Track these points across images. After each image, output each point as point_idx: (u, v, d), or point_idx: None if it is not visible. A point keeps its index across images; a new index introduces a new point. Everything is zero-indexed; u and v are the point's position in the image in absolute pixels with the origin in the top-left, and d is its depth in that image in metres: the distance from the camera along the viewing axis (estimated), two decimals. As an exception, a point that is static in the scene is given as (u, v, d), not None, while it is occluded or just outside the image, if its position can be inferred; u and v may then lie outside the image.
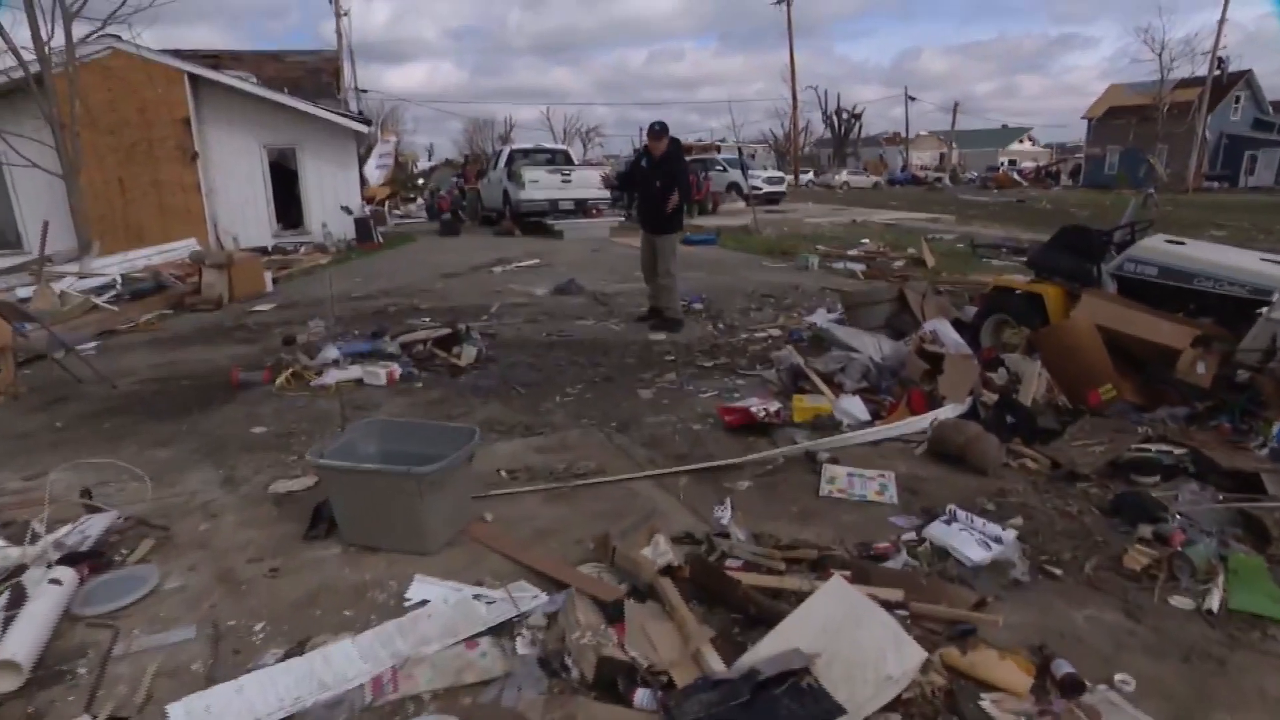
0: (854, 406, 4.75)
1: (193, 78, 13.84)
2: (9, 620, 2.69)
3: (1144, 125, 40.30)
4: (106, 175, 13.04)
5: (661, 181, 7.09)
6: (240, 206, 14.62)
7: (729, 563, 2.98)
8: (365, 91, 26.55)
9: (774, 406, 4.61)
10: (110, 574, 3.08)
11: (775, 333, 6.98)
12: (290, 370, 5.86)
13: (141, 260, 9.71)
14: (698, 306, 8.12)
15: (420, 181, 26.44)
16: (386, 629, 2.64)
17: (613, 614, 2.65)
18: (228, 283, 9.02)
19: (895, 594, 2.71)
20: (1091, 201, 27.38)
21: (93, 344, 7.10)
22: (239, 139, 14.59)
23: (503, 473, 4.02)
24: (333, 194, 15.43)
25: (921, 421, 4.50)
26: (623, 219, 17.22)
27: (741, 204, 23.06)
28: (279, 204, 15.41)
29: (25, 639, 2.56)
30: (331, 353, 6.19)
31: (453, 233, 17.55)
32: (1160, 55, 39.52)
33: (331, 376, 5.72)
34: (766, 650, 2.41)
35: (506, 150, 19.22)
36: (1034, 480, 3.90)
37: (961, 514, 3.40)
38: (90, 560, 3.12)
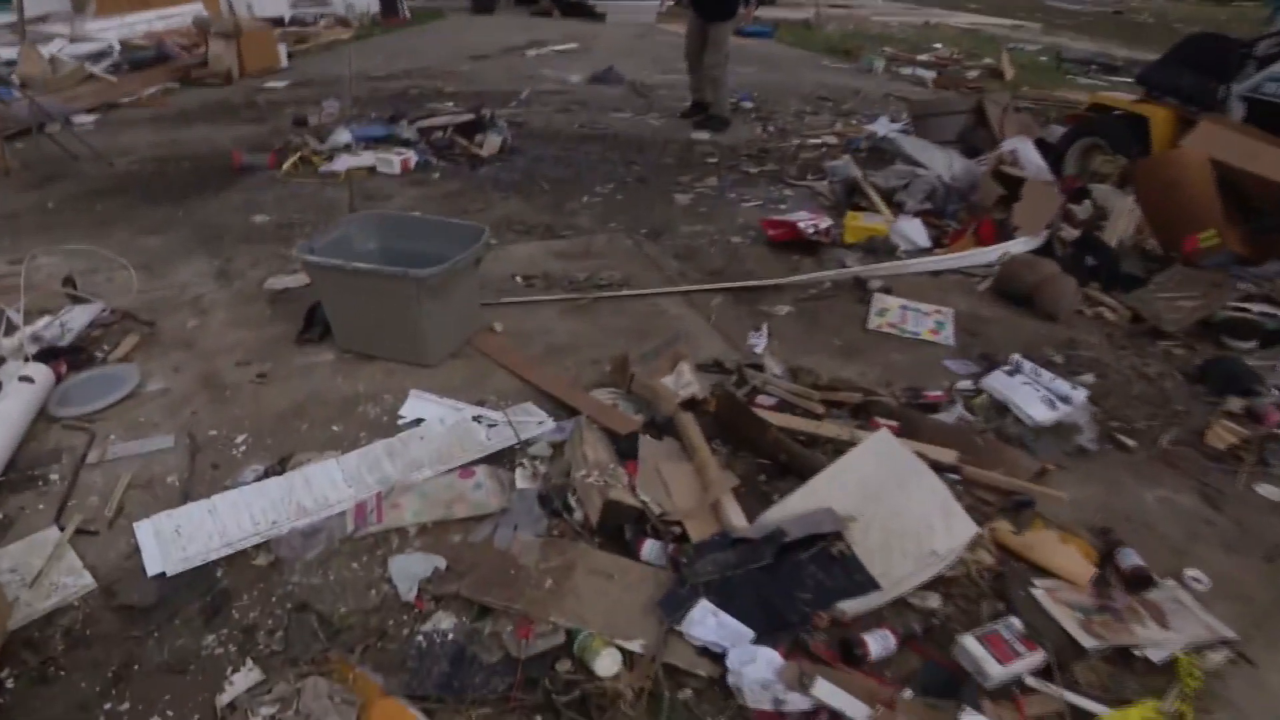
0: (914, 230, 4.23)
1: None
2: (-24, 418, 2.49)
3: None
4: (104, -77, 11.79)
5: None
6: (254, -32, 13.33)
7: (760, 399, 2.65)
8: None
9: (824, 223, 4.11)
10: (89, 372, 2.85)
11: (831, 140, 6.27)
12: (298, 155, 5.39)
13: (142, 25, 8.89)
14: (747, 105, 7.33)
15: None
16: (374, 450, 2.39)
17: (625, 449, 2.38)
18: (237, 55, 8.27)
19: (948, 455, 2.38)
20: (1204, 16, 24.16)
21: (90, 118, 6.60)
22: (248, -113, 13.02)
23: (518, 278, 3.66)
24: (355, -41, 13.99)
25: (989, 254, 3.99)
26: (672, 2, 15.62)
27: (803, -6, 20.82)
28: (297, -31, 14.05)
29: (-8, 440, 2.36)
30: (344, 137, 5.68)
31: (486, 10, 16.07)
32: None
33: (342, 163, 5.27)
34: (795, 507, 2.13)
35: (546, -84, 17.07)
36: (1110, 333, 3.47)
37: (1027, 365, 3.00)
38: (68, 356, 2.89)
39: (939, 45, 13.59)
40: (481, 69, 9.34)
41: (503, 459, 2.39)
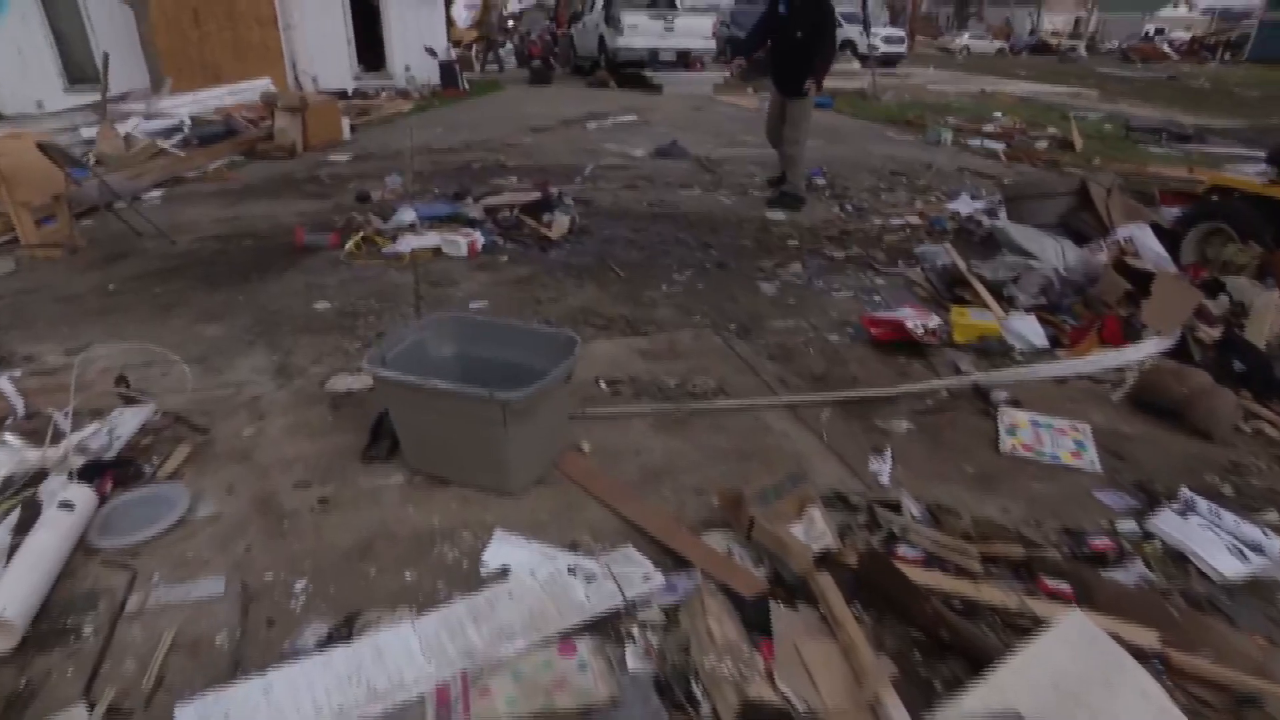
0: (1029, 329, 3.84)
1: (269, -105, 12.64)
2: (13, 551, 2.21)
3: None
4: (180, 5, 12.23)
5: (803, 33, 5.87)
6: (319, 44, 13.69)
7: (902, 551, 2.25)
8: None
9: (933, 322, 3.74)
10: (135, 494, 2.56)
11: (914, 220, 5.94)
12: (361, 234, 5.22)
13: (212, 101, 9.05)
14: (820, 182, 7.05)
15: (511, 24, 24.75)
16: (455, 612, 2.03)
17: (753, 617, 1.99)
18: (302, 129, 8.32)
19: (1147, 636, 1.94)
20: (1263, 80, 23.71)
21: (157, 193, 6.58)
22: (318, -33, 13.49)
23: (602, 383, 3.32)
24: (416, 34, 14.33)
25: (1120, 357, 3.57)
26: (728, 76, 15.65)
27: (855, 64, 20.89)
28: (360, 44, 14.43)
29: (22, 587, 2.06)
30: (408, 215, 5.51)
31: (543, 81, 16.33)
32: None
33: (406, 244, 5.06)
34: (973, 707, 1.71)
35: (603, -11, 17.39)
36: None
37: (1202, 503, 2.57)
38: (115, 471, 2.61)
39: (999, 114, 13.33)
40: (542, 142, 9.28)
41: (606, 624, 2.01)
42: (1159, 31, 48.69)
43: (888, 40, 24.56)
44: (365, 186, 6.65)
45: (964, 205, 6.28)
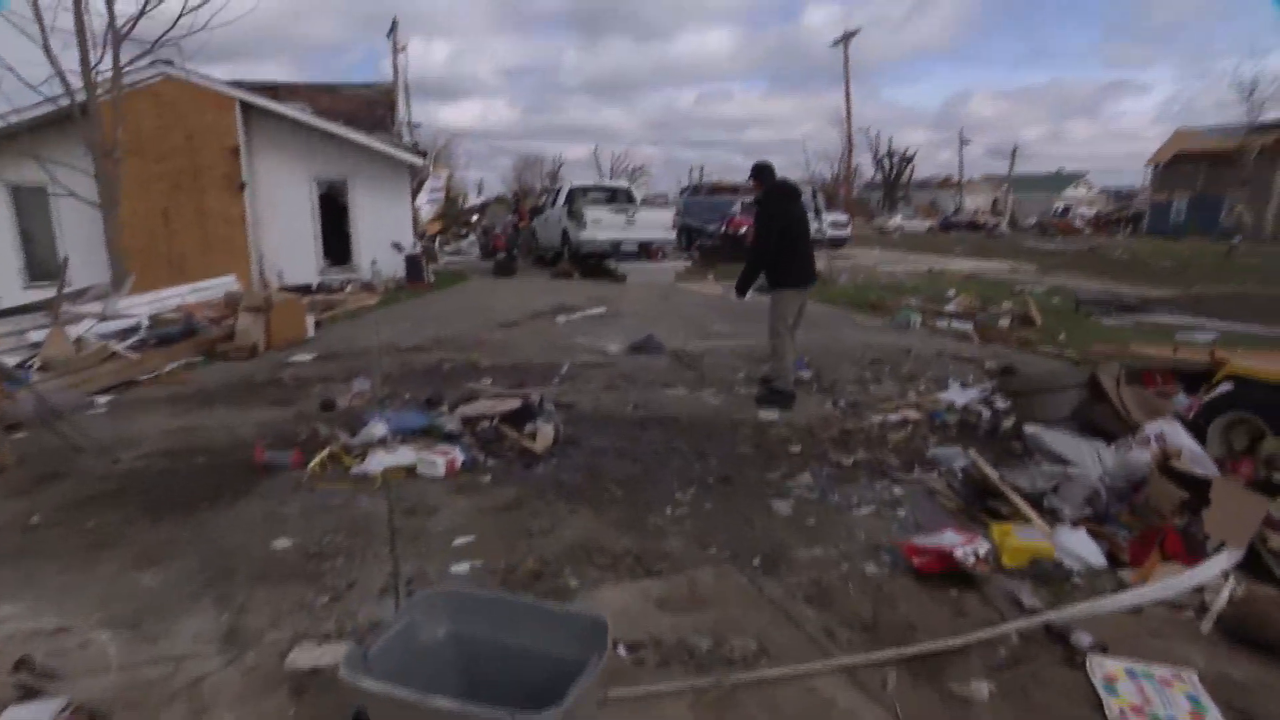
0: (1083, 546, 3.47)
1: (244, 106, 13.16)
2: None
3: (1216, 170, 38.05)
4: (151, 206, 12.32)
5: (749, 230, 6.54)
6: (286, 240, 13.81)
7: None
8: (419, 125, 26.07)
9: (983, 548, 3.33)
10: None
11: (912, 415, 5.69)
12: (327, 451, 4.74)
13: (174, 299, 8.78)
14: (805, 375, 6.86)
15: (475, 218, 25.68)
16: None
17: None
18: (264, 328, 8.01)
19: None
20: (1167, 251, 25.71)
21: (105, 399, 6.09)
22: (289, 170, 13.85)
23: (621, 649, 2.77)
24: (384, 229, 14.57)
25: (1195, 577, 3.20)
26: (689, 262, 16.13)
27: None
28: (327, 239, 14.60)
29: None
30: (378, 428, 5.06)
31: (508, 273, 16.57)
32: (1251, 94, 36.24)
33: (377, 462, 4.58)
34: None
35: (566, 187, 18.16)
36: None
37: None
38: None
39: (953, 292, 13.73)
40: (513, 338, 9.09)
41: None
42: (1067, 209, 53.22)
43: (835, 224, 25.98)
44: (330, 392, 6.23)
45: (958, 395, 6.11)
